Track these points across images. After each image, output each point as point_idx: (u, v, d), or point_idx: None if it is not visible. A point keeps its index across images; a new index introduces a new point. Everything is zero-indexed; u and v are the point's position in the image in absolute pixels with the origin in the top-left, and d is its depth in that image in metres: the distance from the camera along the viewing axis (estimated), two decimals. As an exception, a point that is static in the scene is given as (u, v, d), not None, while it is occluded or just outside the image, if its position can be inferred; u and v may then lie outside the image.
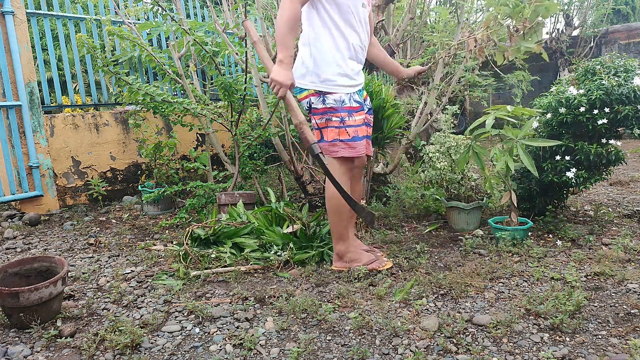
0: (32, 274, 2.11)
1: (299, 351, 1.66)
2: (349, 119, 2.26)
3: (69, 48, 7.14)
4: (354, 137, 2.27)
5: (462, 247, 2.68)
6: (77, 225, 3.55)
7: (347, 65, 2.26)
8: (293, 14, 2.11)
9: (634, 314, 1.85)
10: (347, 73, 2.27)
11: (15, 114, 3.75)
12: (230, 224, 2.79)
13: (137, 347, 1.75)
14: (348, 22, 2.23)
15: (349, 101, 2.27)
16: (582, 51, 8.13)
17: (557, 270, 2.29)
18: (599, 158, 2.71)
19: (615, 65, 2.82)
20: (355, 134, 2.27)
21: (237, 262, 2.54)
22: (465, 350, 1.65)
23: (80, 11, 4.49)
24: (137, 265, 2.65)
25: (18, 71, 3.72)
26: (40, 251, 2.98)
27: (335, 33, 2.23)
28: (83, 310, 2.07)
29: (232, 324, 1.91)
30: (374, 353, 1.66)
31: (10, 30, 3.67)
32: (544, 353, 1.60)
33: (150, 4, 4.77)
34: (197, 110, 3.46)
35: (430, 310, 1.95)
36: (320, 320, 1.90)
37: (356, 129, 2.28)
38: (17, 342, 1.82)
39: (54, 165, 3.99)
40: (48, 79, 4.99)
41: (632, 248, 2.50)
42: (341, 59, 2.25)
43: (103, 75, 4.51)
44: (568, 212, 3.27)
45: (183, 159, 4.71)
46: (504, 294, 2.08)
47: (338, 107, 2.25)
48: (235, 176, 3.51)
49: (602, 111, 2.66)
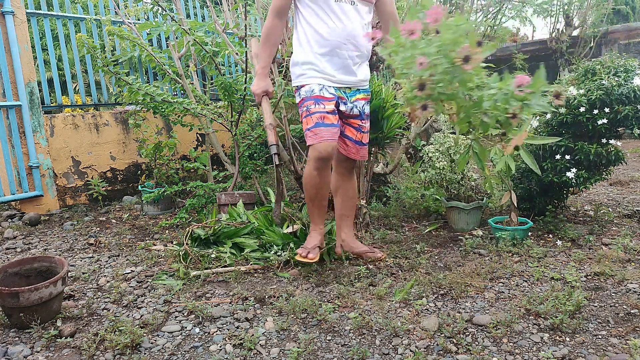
0: (32, 274, 2.11)
1: (299, 351, 1.66)
2: (315, 107, 2.25)
3: (69, 48, 7.14)
4: (317, 123, 2.25)
5: (462, 247, 2.68)
6: (77, 225, 3.55)
7: (321, 62, 2.27)
8: (267, 27, 2.35)
9: (634, 314, 1.85)
10: (321, 69, 2.27)
11: (15, 114, 3.75)
12: (230, 224, 2.79)
13: (137, 347, 1.75)
14: (321, 19, 2.24)
15: (319, 91, 2.27)
16: (582, 51, 8.13)
17: (557, 270, 2.29)
18: (599, 158, 2.71)
19: (615, 65, 2.82)
20: (320, 120, 2.25)
21: (237, 262, 2.54)
22: (465, 350, 1.65)
23: (80, 11, 4.49)
24: (137, 265, 2.65)
25: (18, 71, 3.72)
26: (40, 251, 2.98)
27: (309, 32, 2.27)
28: (83, 310, 2.06)
29: (232, 324, 1.91)
30: (374, 353, 1.66)
31: (10, 30, 3.67)
32: (544, 353, 1.60)
33: (150, 4, 4.77)
34: (197, 110, 3.46)
35: (430, 310, 1.95)
36: (320, 320, 1.90)
37: (321, 115, 2.25)
38: (17, 342, 1.82)
39: (54, 165, 3.99)
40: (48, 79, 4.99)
41: (632, 248, 2.50)
42: (314, 56, 2.27)
43: (103, 75, 4.51)
44: (568, 212, 3.26)
45: (183, 159, 4.71)
46: (504, 294, 2.08)
47: (306, 97, 2.29)
48: (235, 176, 3.51)
49: (602, 111, 2.66)
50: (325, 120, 2.25)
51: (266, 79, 2.39)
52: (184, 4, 5.20)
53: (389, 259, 2.54)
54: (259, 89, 2.39)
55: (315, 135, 2.25)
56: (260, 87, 2.38)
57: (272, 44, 2.36)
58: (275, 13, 2.32)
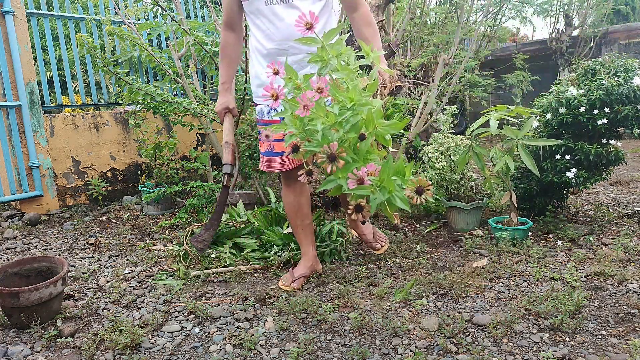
0: (32, 274, 2.12)
1: (299, 351, 1.66)
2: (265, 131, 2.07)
3: (69, 48, 7.14)
4: (266, 151, 2.19)
5: (462, 247, 2.68)
6: (77, 225, 3.55)
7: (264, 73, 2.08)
8: (221, 43, 2.25)
9: (634, 314, 1.85)
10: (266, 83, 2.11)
11: (15, 114, 3.75)
12: (230, 224, 2.79)
13: (137, 347, 1.75)
14: (257, 27, 2.07)
15: (267, 114, 2.16)
16: (582, 51, 8.13)
17: (557, 270, 2.29)
18: (599, 158, 2.71)
19: (615, 65, 2.82)
20: (269, 148, 2.16)
21: (237, 262, 2.54)
22: (465, 350, 1.65)
23: (80, 11, 4.49)
24: (137, 265, 2.65)
25: (18, 71, 3.72)
26: (40, 251, 2.98)
27: (253, 42, 2.13)
28: (83, 310, 2.07)
29: (232, 324, 1.91)
30: (374, 353, 1.66)
31: (10, 30, 3.67)
32: (544, 353, 1.60)
33: (150, 4, 4.77)
34: (197, 110, 3.46)
35: (430, 310, 1.95)
36: (320, 320, 1.90)
37: (270, 144, 2.15)
38: (17, 342, 1.82)
39: (54, 165, 3.99)
40: (48, 79, 4.99)
41: (632, 248, 2.50)
42: (259, 67, 2.12)
43: (103, 75, 4.51)
44: (568, 212, 3.26)
45: (183, 159, 4.71)
46: (504, 294, 2.08)
47: (259, 119, 2.24)
48: (235, 176, 3.51)
49: (602, 111, 2.66)
50: (275, 149, 2.15)
51: (226, 94, 2.26)
52: (184, 4, 5.20)
53: (389, 259, 2.54)
54: (218, 106, 2.28)
55: (264, 164, 2.23)
56: (220, 103, 2.27)
57: (227, 58, 2.24)
58: (224, 26, 2.22)
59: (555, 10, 8.29)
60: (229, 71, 2.26)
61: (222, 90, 2.27)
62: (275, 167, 2.20)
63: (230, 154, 2.27)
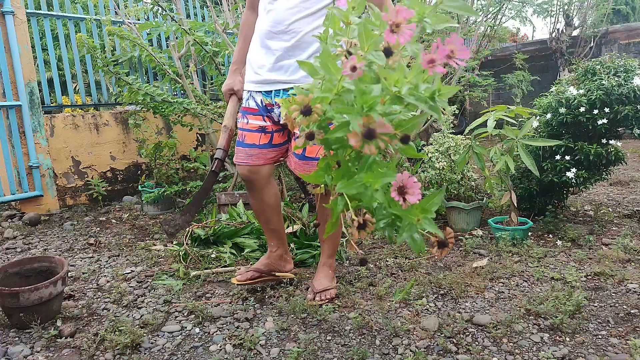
0: (32, 274, 2.11)
1: (299, 351, 1.66)
2: (241, 120, 2.06)
3: (69, 48, 7.12)
4: (238, 141, 2.07)
5: (462, 247, 2.68)
6: (77, 225, 3.55)
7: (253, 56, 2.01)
8: (241, 22, 2.17)
9: (634, 314, 1.85)
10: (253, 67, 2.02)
11: (15, 114, 3.75)
12: (230, 224, 2.79)
13: (137, 347, 1.75)
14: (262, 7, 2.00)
15: (246, 101, 2.06)
16: (582, 51, 8.13)
17: (557, 270, 2.29)
18: (599, 158, 2.71)
19: (615, 65, 2.82)
20: (241, 138, 2.05)
21: (237, 262, 2.54)
22: (465, 350, 1.65)
23: (80, 11, 4.50)
24: (137, 265, 2.65)
25: (18, 71, 3.72)
26: (40, 251, 2.98)
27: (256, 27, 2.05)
28: (83, 310, 2.07)
29: (232, 324, 1.91)
30: (374, 353, 1.66)
31: (10, 30, 3.67)
32: (544, 353, 1.60)
33: (150, 4, 4.77)
34: (197, 110, 3.46)
35: (430, 310, 1.95)
36: (320, 320, 1.90)
37: (242, 133, 2.04)
38: (17, 342, 1.82)
39: (54, 165, 3.99)
40: (48, 79, 4.99)
41: (632, 248, 2.50)
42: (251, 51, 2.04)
43: (103, 75, 4.51)
44: (568, 212, 3.26)
45: (183, 159, 4.71)
46: (504, 294, 2.08)
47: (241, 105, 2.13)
48: (235, 176, 3.51)
49: (602, 111, 2.66)
50: (246, 140, 2.02)
51: (234, 75, 2.14)
52: (184, 4, 5.20)
53: (389, 258, 2.54)
54: (224, 86, 2.17)
55: (235, 155, 2.07)
56: (226, 84, 2.16)
57: (243, 36, 2.13)
58: (247, 6, 2.13)
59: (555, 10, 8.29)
60: (241, 52, 2.15)
61: (231, 70, 2.16)
62: (241, 160, 2.03)
63: (225, 139, 2.10)
